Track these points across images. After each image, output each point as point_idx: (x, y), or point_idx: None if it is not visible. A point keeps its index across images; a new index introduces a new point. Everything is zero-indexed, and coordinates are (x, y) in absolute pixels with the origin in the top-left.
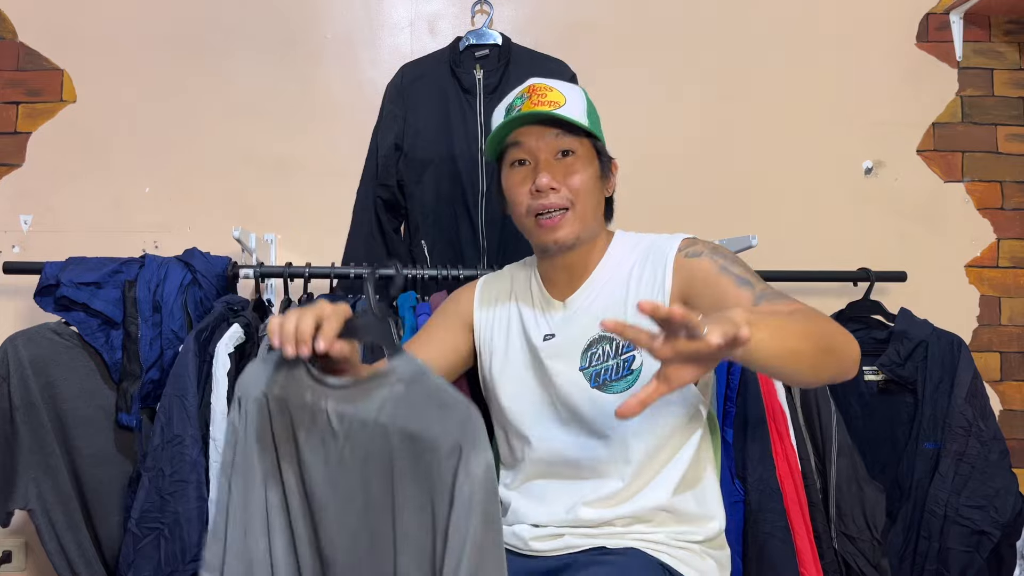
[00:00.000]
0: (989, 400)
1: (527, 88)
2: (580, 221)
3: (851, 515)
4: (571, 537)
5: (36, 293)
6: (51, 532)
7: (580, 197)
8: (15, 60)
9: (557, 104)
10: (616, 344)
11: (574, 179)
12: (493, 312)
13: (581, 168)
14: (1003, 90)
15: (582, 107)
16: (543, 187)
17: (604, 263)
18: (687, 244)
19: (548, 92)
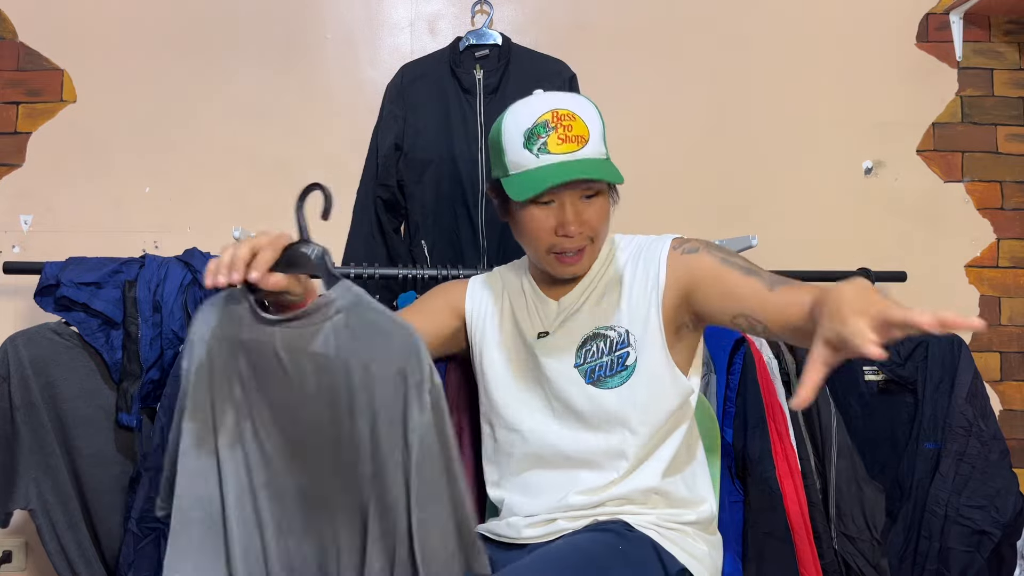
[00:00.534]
0: (989, 400)
1: (550, 114)
2: (596, 252)
3: (851, 515)
4: (563, 521)
5: (36, 293)
6: (51, 532)
7: (599, 232)
8: (15, 60)
9: (583, 140)
10: (610, 341)
11: (596, 218)
12: (485, 307)
13: (603, 205)
14: (1003, 90)
15: (600, 130)
16: (576, 233)
17: (599, 265)
18: (679, 242)
19: (573, 123)
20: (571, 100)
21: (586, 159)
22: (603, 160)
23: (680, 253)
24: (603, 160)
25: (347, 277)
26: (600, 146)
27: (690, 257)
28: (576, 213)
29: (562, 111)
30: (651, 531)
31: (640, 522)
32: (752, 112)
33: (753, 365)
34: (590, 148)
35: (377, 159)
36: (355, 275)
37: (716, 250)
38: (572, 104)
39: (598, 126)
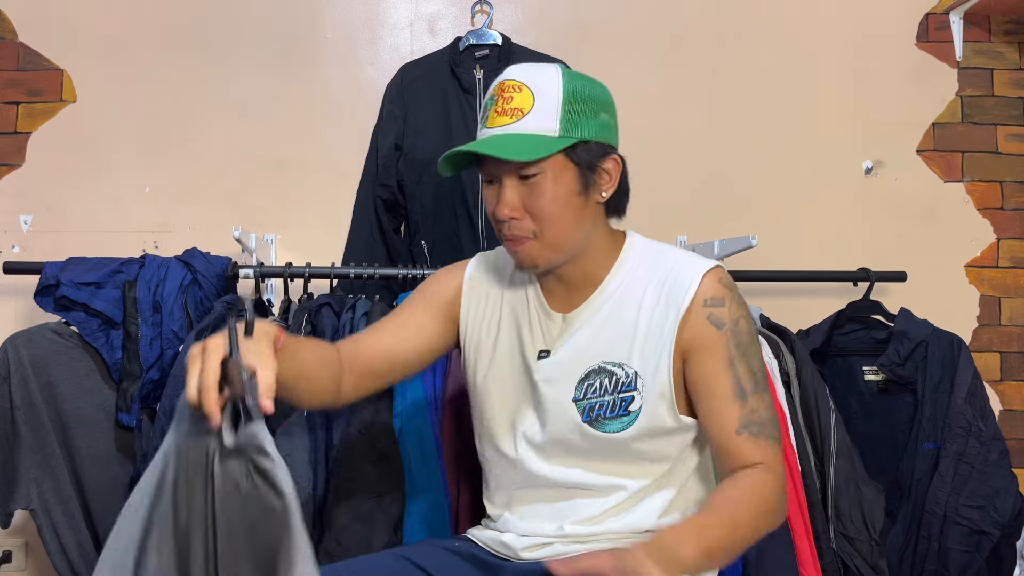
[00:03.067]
0: (989, 400)
1: (498, 86)
2: (550, 248)
3: (849, 516)
4: (560, 545)
5: (36, 293)
6: (51, 532)
7: (547, 223)
8: (15, 60)
9: (520, 113)
10: (615, 379)
11: (538, 204)
12: (483, 310)
13: (548, 189)
14: (1003, 90)
15: (553, 105)
16: (503, 218)
17: (614, 276)
18: (715, 296)
19: (515, 95)
20: (528, 70)
21: (511, 134)
22: (534, 136)
23: (705, 318)
24: (534, 136)
25: (347, 277)
26: (546, 118)
27: (710, 330)
28: (508, 196)
29: (508, 82)
30: None
31: None
32: (752, 112)
33: None
34: (528, 120)
35: (377, 159)
36: (355, 275)
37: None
38: (526, 74)
39: (552, 95)
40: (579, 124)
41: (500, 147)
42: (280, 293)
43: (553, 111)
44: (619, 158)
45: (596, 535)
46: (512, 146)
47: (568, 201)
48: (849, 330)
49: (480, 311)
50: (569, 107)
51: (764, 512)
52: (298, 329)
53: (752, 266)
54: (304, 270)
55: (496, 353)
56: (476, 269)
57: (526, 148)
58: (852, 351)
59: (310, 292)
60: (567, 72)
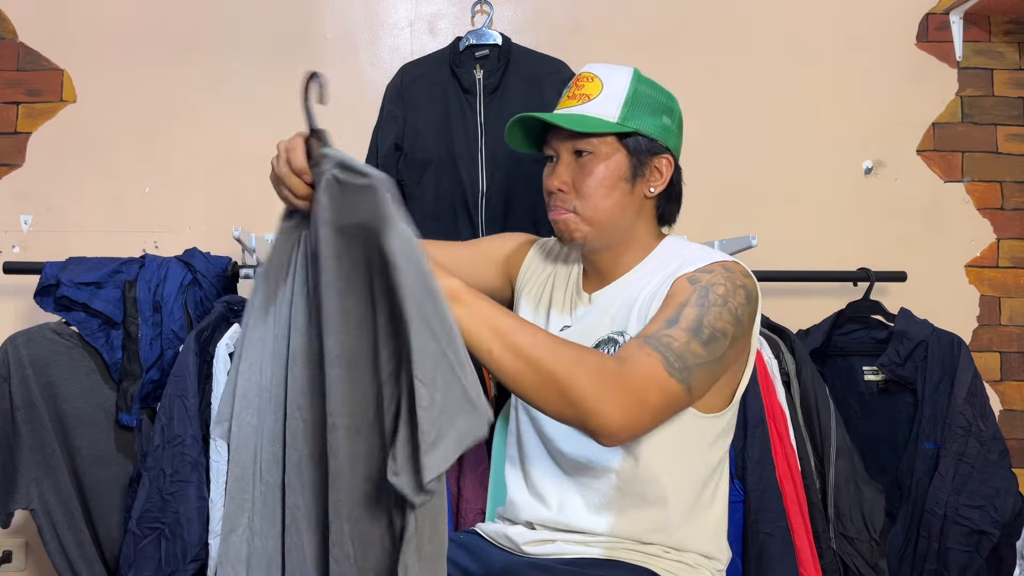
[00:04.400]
0: (989, 400)
1: (577, 76)
2: (588, 224)
3: (849, 516)
4: (563, 544)
5: (36, 293)
6: (52, 532)
7: (589, 200)
8: (15, 60)
9: (586, 98)
10: (618, 346)
11: (584, 181)
12: (535, 277)
13: (596, 168)
14: (1003, 90)
15: (618, 97)
16: (551, 189)
17: (640, 268)
18: (703, 268)
19: (586, 84)
20: (605, 66)
21: (574, 113)
22: (592, 117)
23: (685, 278)
24: (592, 117)
25: None
26: (609, 106)
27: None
28: (561, 171)
29: (584, 73)
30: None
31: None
32: (752, 112)
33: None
34: (591, 105)
35: (377, 159)
36: None
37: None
38: (601, 68)
39: (619, 89)
40: (638, 118)
41: (565, 120)
42: None
43: (616, 101)
44: (673, 160)
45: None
46: (574, 121)
47: (614, 184)
48: (849, 330)
49: (534, 278)
50: (632, 101)
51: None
52: None
53: (752, 266)
54: None
55: (532, 317)
56: (541, 246)
57: (585, 123)
58: (852, 351)
59: None
60: (641, 75)
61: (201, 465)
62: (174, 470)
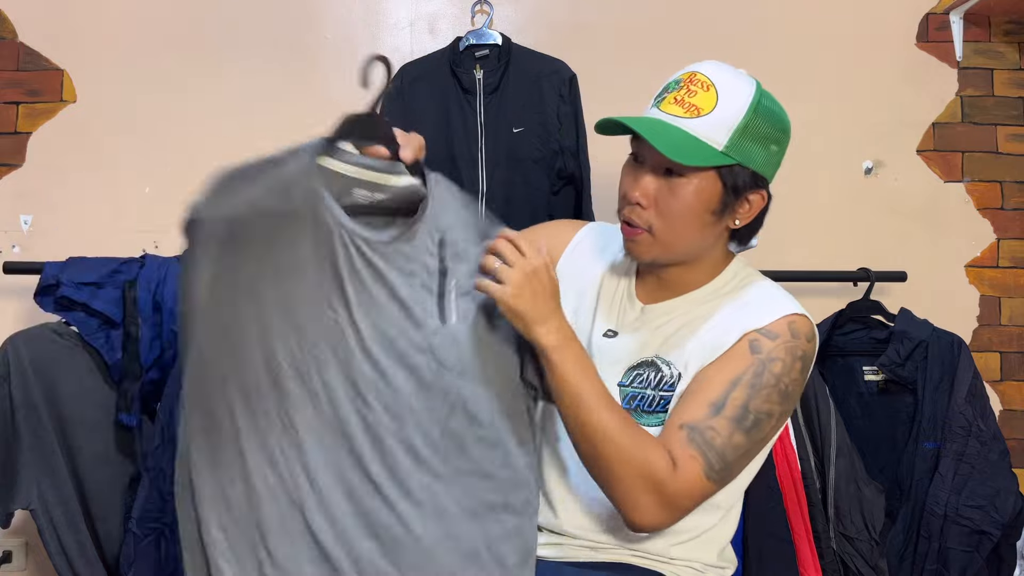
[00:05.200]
0: (989, 400)
1: (688, 74)
2: (661, 247)
3: (849, 516)
4: (569, 548)
5: (36, 293)
6: (51, 532)
7: (668, 225)
8: (15, 60)
9: (696, 111)
10: (661, 376)
11: (669, 204)
12: (576, 272)
13: (685, 195)
14: (1003, 90)
15: (731, 122)
16: (632, 200)
17: (704, 290)
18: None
19: (699, 91)
20: (725, 73)
21: (677, 128)
22: (698, 141)
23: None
24: (698, 141)
25: None
26: (718, 131)
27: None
28: (646, 182)
29: (700, 76)
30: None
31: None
32: None
33: None
34: (700, 123)
35: None
36: None
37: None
38: (721, 76)
39: (735, 112)
40: (747, 148)
41: (662, 137)
42: None
43: (728, 125)
44: (767, 194)
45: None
46: (673, 141)
47: (700, 216)
48: (849, 330)
49: (573, 272)
50: (744, 128)
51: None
52: None
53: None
54: None
55: (573, 310)
56: (587, 236)
57: (685, 149)
58: (852, 351)
59: None
60: (762, 92)
61: None
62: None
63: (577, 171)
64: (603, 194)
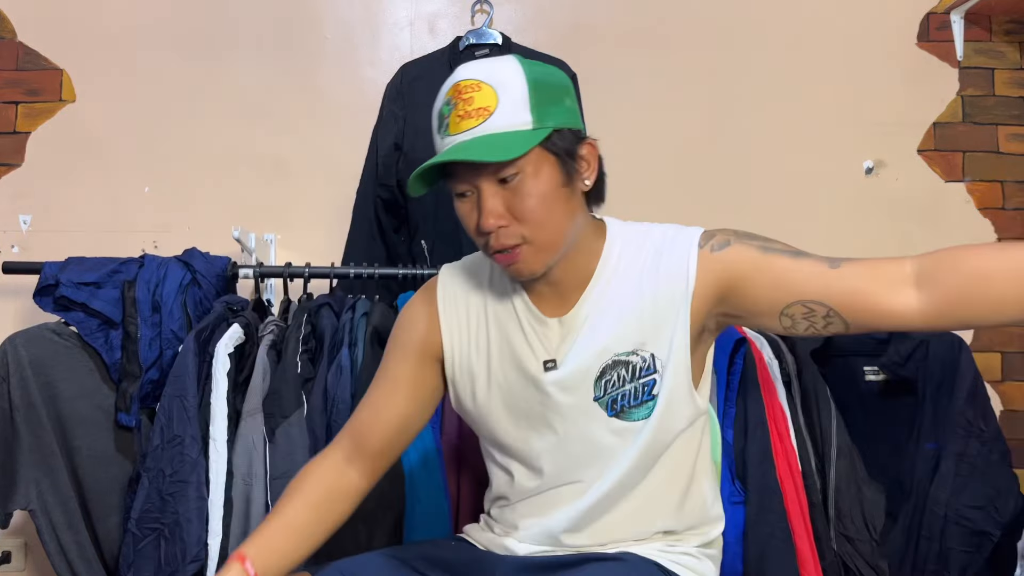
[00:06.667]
0: (990, 400)
1: (453, 89)
2: (545, 250)
3: (850, 516)
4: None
5: (35, 293)
6: (51, 532)
7: (537, 224)
8: (15, 60)
9: (486, 112)
10: (633, 367)
11: (524, 206)
12: (466, 330)
13: (531, 187)
14: (1004, 90)
15: (521, 96)
16: (490, 228)
17: (603, 268)
18: (708, 237)
19: (475, 94)
20: (483, 66)
21: (482, 135)
22: (507, 134)
23: (711, 251)
24: (507, 134)
25: (347, 277)
26: (516, 113)
27: (724, 253)
28: (490, 205)
29: (464, 83)
30: (657, 556)
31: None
32: (752, 112)
33: (754, 365)
34: (496, 118)
35: (377, 159)
36: (355, 275)
37: (751, 238)
38: (481, 71)
39: (517, 88)
40: (549, 112)
41: (473, 151)
42: (280, 293)
43: (522, 103)
44: (593, 142)
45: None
46: (486, 148)
47: (555, 195)
48: None
49: (464, 333)
50: (536, 96)
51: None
52: (298, 329)
53: None
54: (304, 270)
55: (492, 372)
56: (446, 289)
57: (502, 147)
58: (853, 351)
59: (310, 292)
60: (524, 61)
61: (200, 466)
62: (173, 470)
63: None
64: None
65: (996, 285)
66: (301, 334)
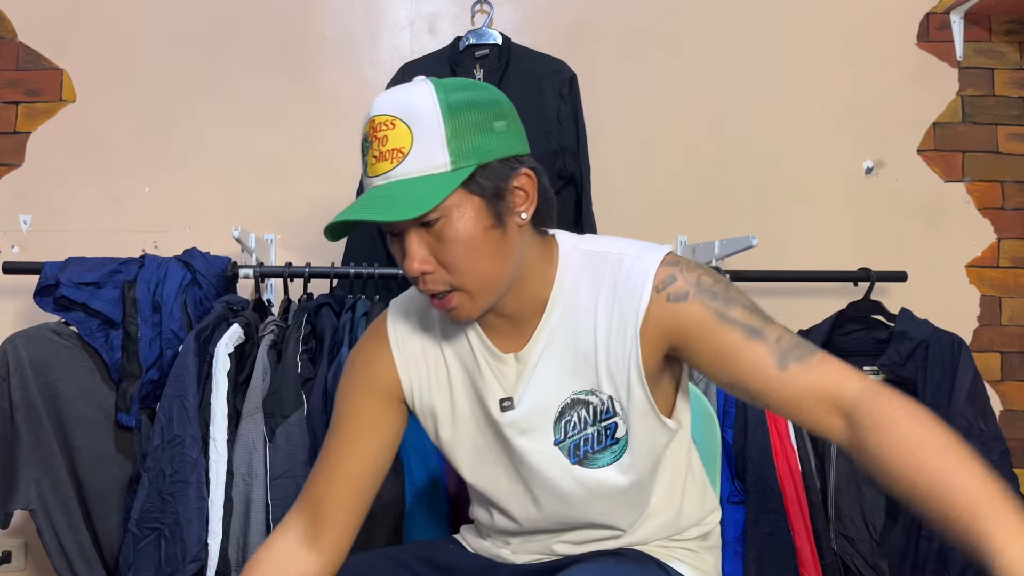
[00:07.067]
0: (990, 400)
1: (368, 125)
2: (479, 294)
3: (850, 516)
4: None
5: (36, 293)
6: (51, 532)
7: (464, 272)
8: (15, 60)
9: (400, 155)
10: (593, 408)
11: (448, 254)
12: (424, 369)
13: (454, 234)
14: (1003, 90)
15: (435, 132)
16: (415, 273)
17: (557, 295)
18: (665, 278)
19: (388, 133)
20: (397, 97)
21: (396, 181)
22: (422, 178)
23: (667, 300)
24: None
25: (347, 277)
26: (432, 152)
27: (679, 307)
28: (413, 248)
29: (379, 119)
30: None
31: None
32: (752, 112)
33: None
34: (412, 159)
35: None
36: (355, 275)
37: (710, 297)
38: (395, 104)
39: (430, 122)
40: (472, 146)
41: (385, 205)
42: (280, 293)
43: (438, 140)
44: (531, 170)
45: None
46: (399, 199)
47: (483, 239)
48: (850, 330)
49: (422, 372)
50: (453, 128)
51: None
52: (298, 329)
53: (752, 266)
54: (304, 270)
55: (456, 412)
56: (397, 327)
57: (416, 197)
58: (853, 351)
59: (310, 292)
60: (439, 84)
61: (201, 466)
62: (174, 470)
63: (577, 171)
64: (603, 194)
65: (908, 477)
66: (301, 334)
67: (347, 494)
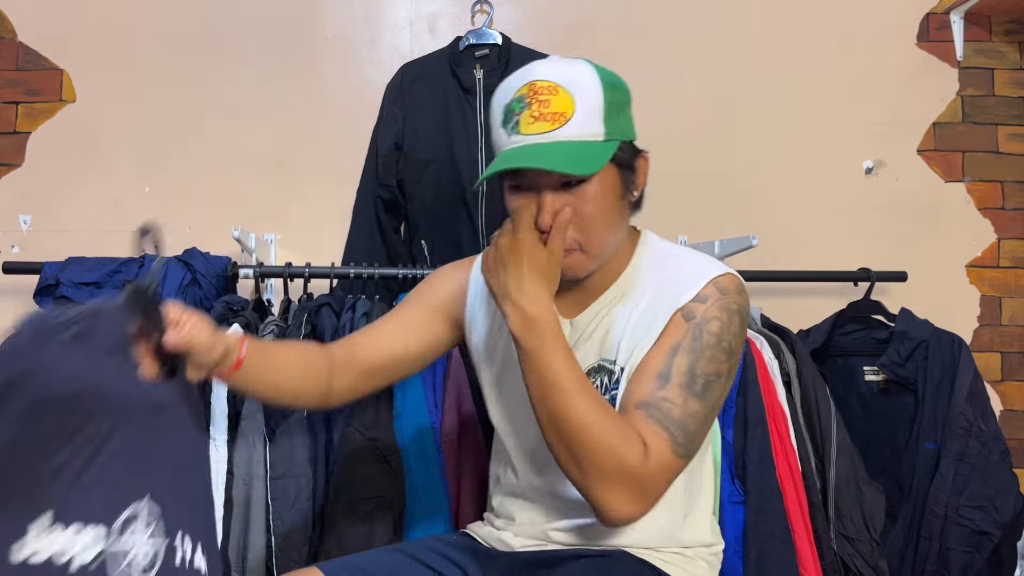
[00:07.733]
0: (990, 400)
1: (527, 87)
2: (595, 258)
3: (850, 516)
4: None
5: (36, 293)
6: None
7: (594, 234)
8: (15, 60)
9: (563, 118)
10: (612, 375)
11: (587, 211)
12: (489, 312)
13: (592, 196)
14: (1004, 90)
15: (597, 106)
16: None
17: (621, 282)
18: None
19: (552, 98)
20: (560, 68)
21: (557, 142)
22: (582, 143)
23: (681, 315)
24: (582, 143)
25: (347, 277)
26: (590, 124)
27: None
28: (549, 204)
29: (541, 83)
30: (649, 555)
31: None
32: (752, 112)
33: (754, 365)
34: (572, 126)
35: (377, 159)
36: (355, 275)
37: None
38: (559, 73)
39: (593, 98)
40: (618, 123)
41: (547, 159)
42: (280, 293)
43: (597, 113)
44: (646, 155)
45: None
46: (560, 156)
47: (614, 207)
48: (850, 330)
49: (486, 313)
50: (609, 105)
51: (603, 444)
52: (298, 329)
53: (752, 266)
54: (304, 270)
55: (506, 355)
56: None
57: (577, 158)
58: (853, 351)
59: (310, 292)
60: (599, 67)
61: None
62: None
63: None
64: None
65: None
66: (301, 334)
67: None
